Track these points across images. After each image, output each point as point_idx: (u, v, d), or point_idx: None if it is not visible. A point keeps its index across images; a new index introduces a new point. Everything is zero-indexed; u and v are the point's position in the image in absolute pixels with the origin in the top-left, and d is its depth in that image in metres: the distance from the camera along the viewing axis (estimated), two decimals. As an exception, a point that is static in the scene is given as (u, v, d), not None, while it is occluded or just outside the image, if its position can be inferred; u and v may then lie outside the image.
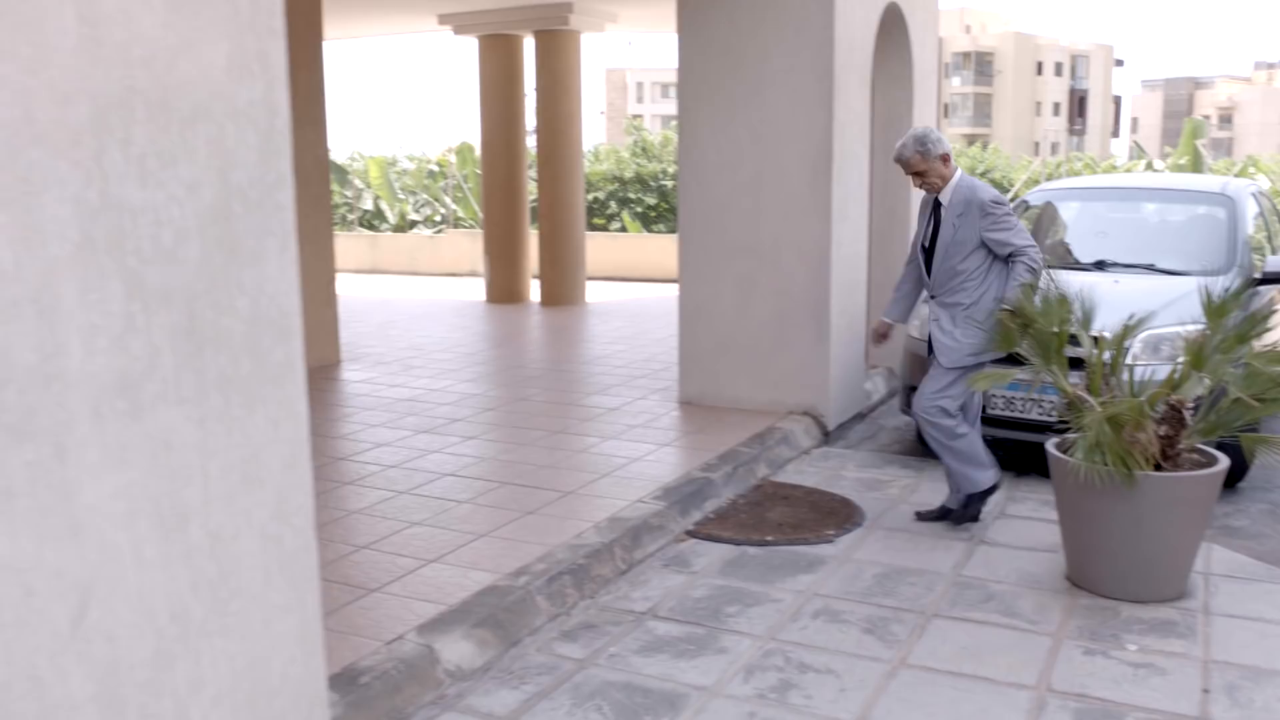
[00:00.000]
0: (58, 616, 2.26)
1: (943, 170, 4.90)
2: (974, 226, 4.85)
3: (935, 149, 4.86)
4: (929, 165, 4.88)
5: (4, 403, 2.12)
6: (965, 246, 4.89)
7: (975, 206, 4.84)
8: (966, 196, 4.87)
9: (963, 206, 4.87)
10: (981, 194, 4.87)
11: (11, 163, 2.10)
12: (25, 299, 2.15)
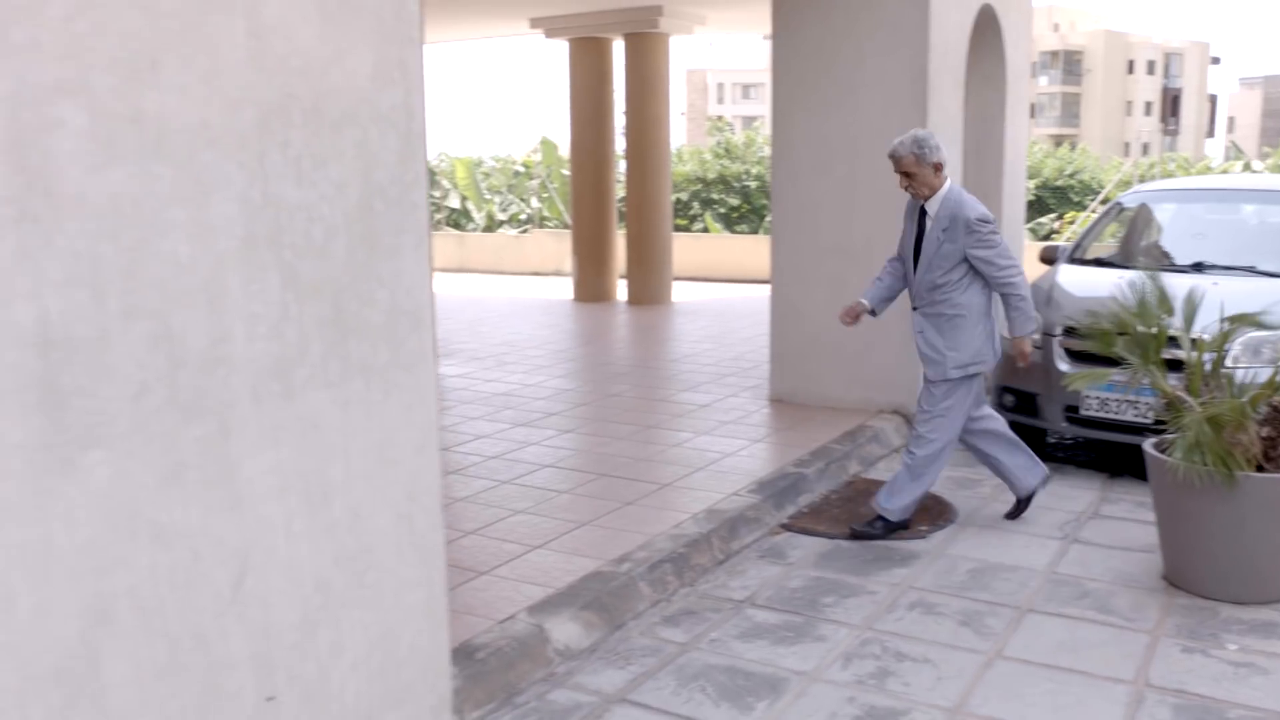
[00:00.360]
0: (220, 581, 2.46)
1: (932, 179, 4.80)
2: (958, 243, 4.77)
3: (930, 155, 4.76)
4: (920, 170, 4.77)
5: (178, 383, 2.33)
6: (948, 260, 4.81)
7: (961, 223, 4.75)
8: (953, 212, 4.77)
9: (948, 221, 4.78)
10: (968, 211, 4.76)
11: (189, 164, 2.31)
12: (198, 289, 2.35)
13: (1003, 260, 4.80)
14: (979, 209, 4.81)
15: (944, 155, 4.83)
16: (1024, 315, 4.93)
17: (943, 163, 4.80)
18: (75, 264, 2.12)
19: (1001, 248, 4.84)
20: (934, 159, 4.76)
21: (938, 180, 4.81)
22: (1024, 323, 4.94)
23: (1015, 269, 4.84)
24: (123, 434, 2.23)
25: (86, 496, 2.18)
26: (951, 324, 4.88)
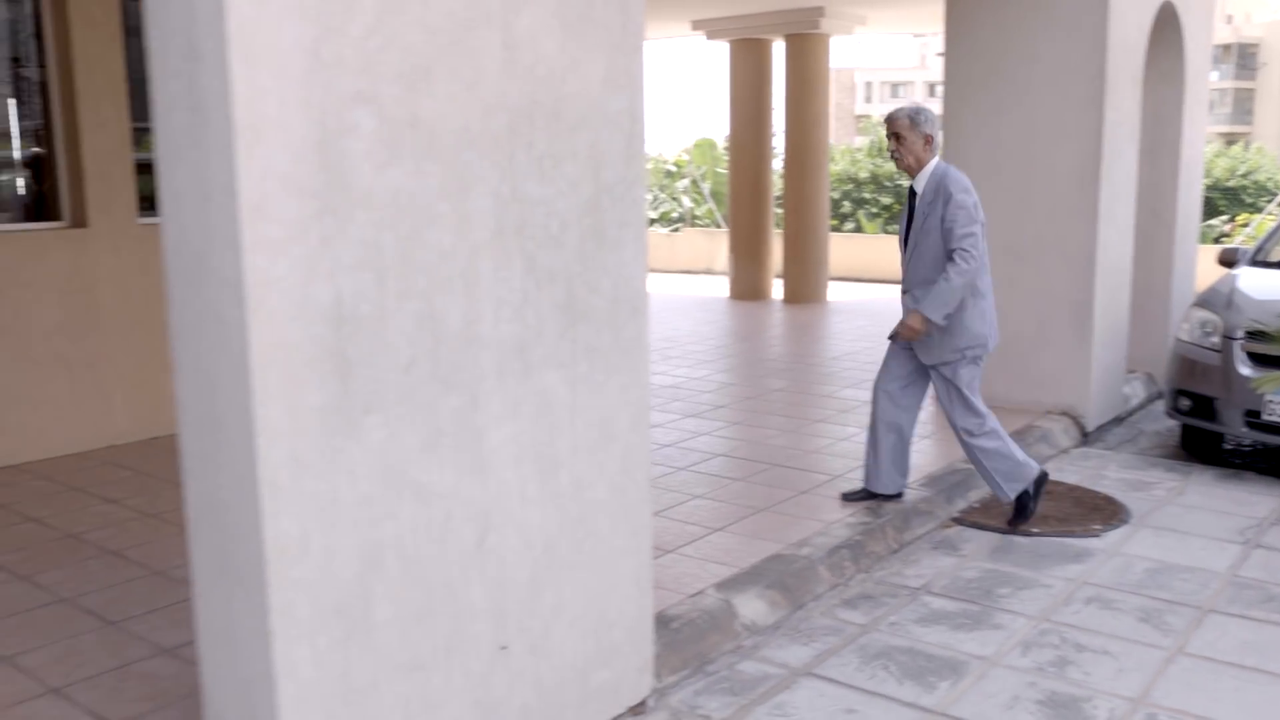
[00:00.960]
0: (467, 538, 2.74)
1: (919, 150, 4.73)
2: (939, 215, 4.68)
3: (924, 125, 4.72)
4: (910, 136, 4.71)
5: (439, 358, 2.61)
6: (931, 235, 4.71)
7: (943, 193, 4.66)
8: (938, 184, 4.70)
9: (933, 194, 4.70)
10: (950, 182, 4.67)
11: (454, 163, 2.59)
12: (457, 275, 2.63)
13: (964, 232, 4.58)
14: (964, 182, 4.70)
15: (938, 133, 4.79)
16: (939, 295, 4.62)
17: (933, 138, 4.75)
18: (363, 251, 2.42)
19: (968, 223, 4.60)
20: (926, 129, 4.72)
21: (924, 153, 4.74)
22: (934, 303, 4.64)
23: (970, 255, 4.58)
24: (394, 401, 2.52)
25: (365, 455, 2.48)
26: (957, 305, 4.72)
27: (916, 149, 4.74)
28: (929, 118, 4.75)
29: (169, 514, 5.10)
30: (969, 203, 4.63)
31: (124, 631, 3.80)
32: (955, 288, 4.61)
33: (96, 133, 6.18)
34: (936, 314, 4.65)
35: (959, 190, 4.64)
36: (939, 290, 4.63)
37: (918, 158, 4.75)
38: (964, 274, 4.60)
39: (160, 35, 2.31)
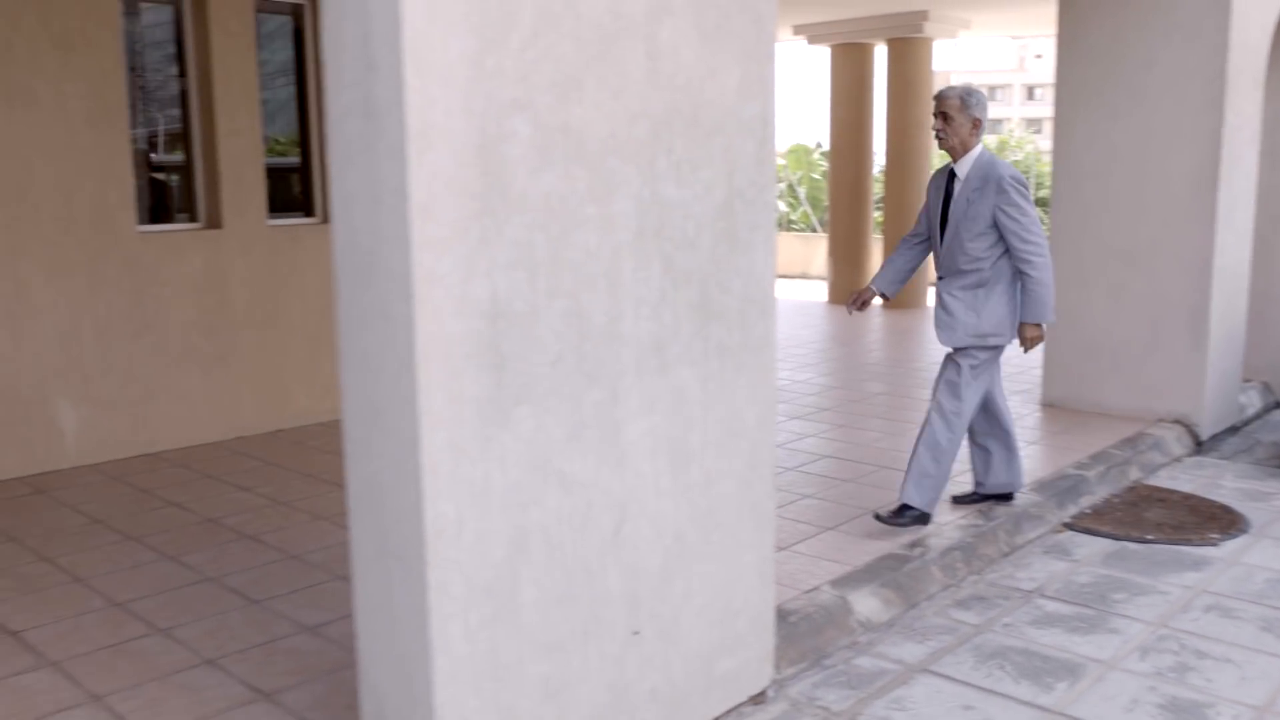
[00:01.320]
0: (605, 526, 2.87)
1: (966, 134, 4.63)
2: (989, 203, 4.57)
3: (974, 108, 4.62)
4: (959, 117, 4.61)
5: (583, 354, 2.74)
6: (977, 224, 4.61)
7: (993, 182, 4.57)
8: (985, 172, 4.61)
9: (980, 181, 4.61)
10: (1002, 169, 4.61)
11: (600, 168, 2.72)
12: (601, 274, 2.76)
13: (1029, 235, 4.59)
14: (1012, 170, 4.64)
15: (986, 116, 4.68)
16: (1038, 300, 4.67)
17: (981, 122, 4.65)
18: (517, 250, 2.56)
19: (1031, 219, 4.60)
20: (976, 113, 4.63)
21: (972, 138, 4.65)
22: (1037, 309, 4.69)
23: (1039, 248, 4.62)
24: (543, 394, 2.66)
25: (515, 444, 2.62)
26: (973, 294, 4.70)
27: (963, 132, 4.63)
28: (980, 101, 4.65)
29: (299, 502, 5.34)
30: (1021, 196, 4.57)
31: (267, 610, 4.01)
32: (1046, 281, 4.64)
33: (232, 139, 6.48)
34: (1049, 314, 4.70)
35: (1012, 179, 4.57)
36: (1035, 292, 4.65)
37: (963, 141, 4.65)
38: (1043, 268, 4.62)
39: (336, 49, 2.48)
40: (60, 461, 6.01)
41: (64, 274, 5.91)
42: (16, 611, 4.03)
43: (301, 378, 6.96)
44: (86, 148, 5.93)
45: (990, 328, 4.71)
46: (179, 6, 6.47)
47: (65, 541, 4.81)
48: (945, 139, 4.66)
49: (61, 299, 5.92)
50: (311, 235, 6.93)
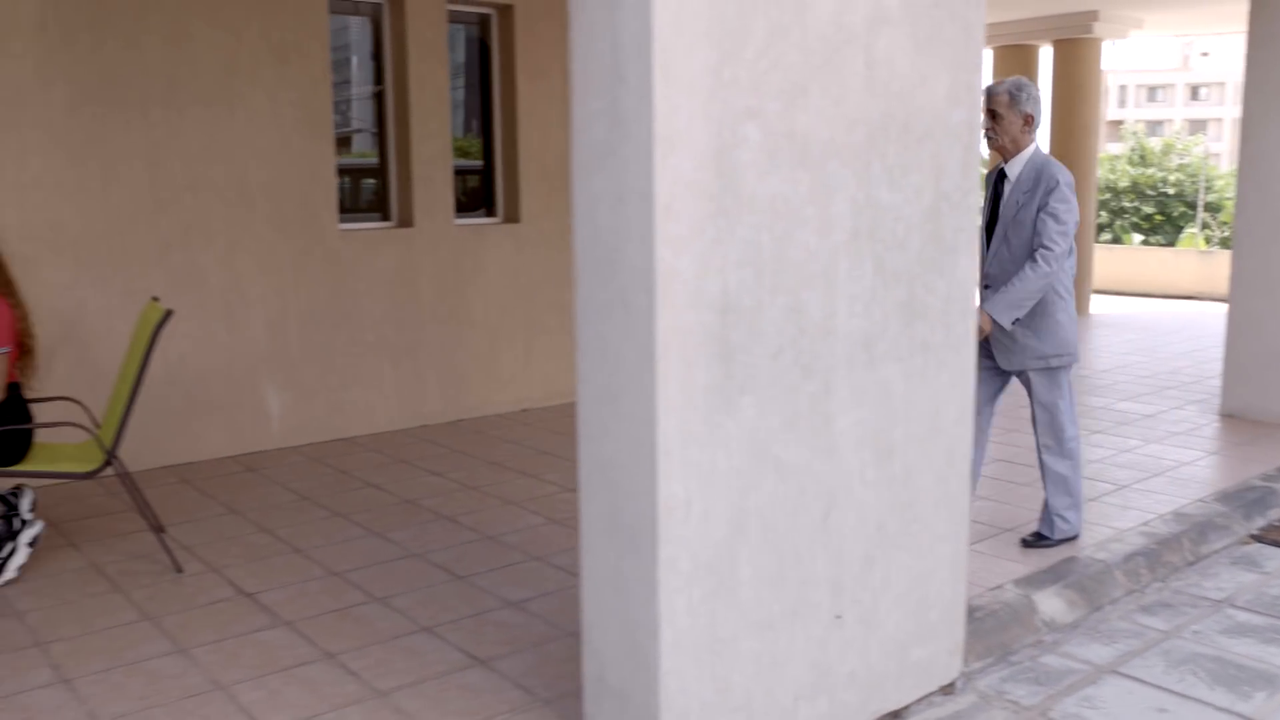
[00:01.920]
0: (814, 512, 3.01)
1: (1017, 131, 4.33)
2: (1037, 205, 4.27)
3: (1024, 104, 4.30)
4: (1009, 114, 4.31)
5: (801, 348, 2.89)
6: (1026, 229, 4.30)
7: (1044, 182, 4.27)
8: (1038, 173, 4.30)
9: (1031, 183, 4.30)
10: (1056, 171, 4.29)
11: (820, 172, 2.86)
12: (819, 273, 2.90)
13: (1056, 238, 4.21)
14: (1068, 174, 4.32)
15: (1040, 111, 4.36)
16: (1011, 294, 4.25)
17: (1034, 118, 4.34)
18: (745, 250, 2.72)
19: (1067, 227, 4.24)
20: (1026, 108, 4.31)
21: (1024, 135, 4.35)
22: (1004, 302, 4.26)
23: (1054, 256, 4.21)
24: (763, 385, 2.82)
25: (738, 431, 2.78)
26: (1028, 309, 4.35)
27: (1014, 130, 4.34)
28: (1031, 95, 4.32)
29: (488, 488, 5.63)
30: (1073, 200, 4.28)
31: (472, 585, 4.28)
32: (1032, 290, 4.23)
33: (424, 143, 6.84)
34: (1006, 317, 4.28)
35: (1066, 183, 4.26)
36: (1013, 289, 4.25)
37: (1014, 139, 4.35)
38: (1043, 276, 4.23)
39: (583, 61, 2.69)
40: (265, 443, 6.46)
41: (274, 269, 6.36)
42: (249, 576, 4.39)
43: (481, 371, 7.29)
44: (296, 151, 6.36)
45: (1053, 348, 4.41)
46: (378, 18, 6.87)
47: (280, 515, 5.20)
48: (995, 138, 4.38)
49: (271, 292, 6.36)
50: (495, 234, 7.26)
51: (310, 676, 3.48)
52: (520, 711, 3.23)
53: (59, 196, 5.65)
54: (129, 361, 4.52)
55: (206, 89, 6.03)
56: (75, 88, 5.64)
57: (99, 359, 5.83)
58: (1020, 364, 4.46)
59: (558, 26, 7.36)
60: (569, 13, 2.75)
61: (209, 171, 6.09)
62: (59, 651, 3.70)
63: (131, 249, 5.89)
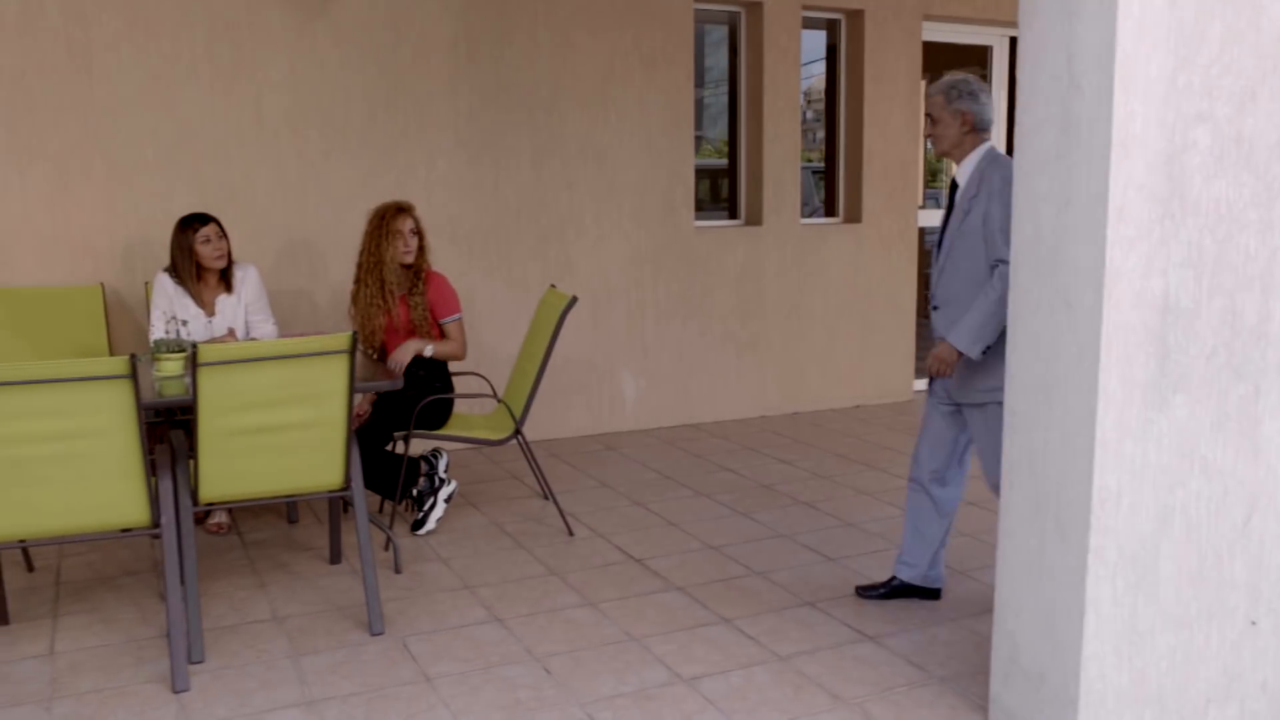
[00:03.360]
0: (1236, 514, 3.01)
1: (955, 133, 3.72)
2: (980, 212, 3.65)
3: (959, 101, 3.70)
4: (944, 116, 3.73)
5: (1233, 350, 2.90)
6: (969, 239, 3.69)
7: (985, 183, 3.64)
8: (982, 174, 3.67)
9: (976, 187, 3.68)
10: (999, 169, 3.64)
11: (1264, 175, 2.86)
12: (1256, 276, 2.90)
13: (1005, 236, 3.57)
14: (1010, 173, 3.63)
15: (985, 111, 3.74)
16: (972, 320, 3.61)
17: (973, 116, 3.72)
18: (1187, 251, 2.78)
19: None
20: (962, 106, 3.72)
21: (966, 138, 3.74)
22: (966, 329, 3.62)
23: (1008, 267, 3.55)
24: (1195, 385, 2.86)
25: (1169, 428, 2.84)
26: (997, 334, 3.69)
27: (953, 133, 3.75)
28: (969, 91, 3.75)
29: (838, 477, 5.83)
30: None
31: (843, 567, 4.49)
32: (995, 312, 3.58)
33: (774, 145, 7.13)
34: (973, 346, 3.62)
35: (1003, 182, 3.62)
36: (973, 315, 3.62)
37: (955, 143, 3.76)
38: (1002, 296, 3.57)
39: (1032, 69, 2.83)
40: (620, 425, 6.94)
41: (636, 262, 6.82)
42: (633, 543, 4.80)
43: (819, 366, 7.51)
44: (660, 152, 6.79)
45: (999, 380, 3.71)
46: (736, 26, 7.21)
47: (648, 491, 5.61)
48: (936, 142, 3.82)
49: (631, 283, 6.83)
50: (836, 234, 7.46)
51: (712, 637, 3.79)
52: (918, 686, 3.41)
53: (458, 193, 6.32)
54: (534, 342, 5.02)
55: (585, 94, 6.55)
56: (477, 96, 6.28)
57: (486, 340, 6.47)
58: (961, 395, 3.82)
59: (905, 31, 7.46)
60: (1019, 23, 2.89)
61: (583, 170, 6.61)
62: (486, 595, 4.20)
63: (515, 241, 6.50)
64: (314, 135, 5.96)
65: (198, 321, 4.88)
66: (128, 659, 3.65)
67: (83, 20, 5.44)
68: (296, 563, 4.58)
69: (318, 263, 6.06)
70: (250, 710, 3.27)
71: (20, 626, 3.95)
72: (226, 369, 3.50)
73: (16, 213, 5.44)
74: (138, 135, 5.60)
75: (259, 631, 3.86)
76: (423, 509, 4.93)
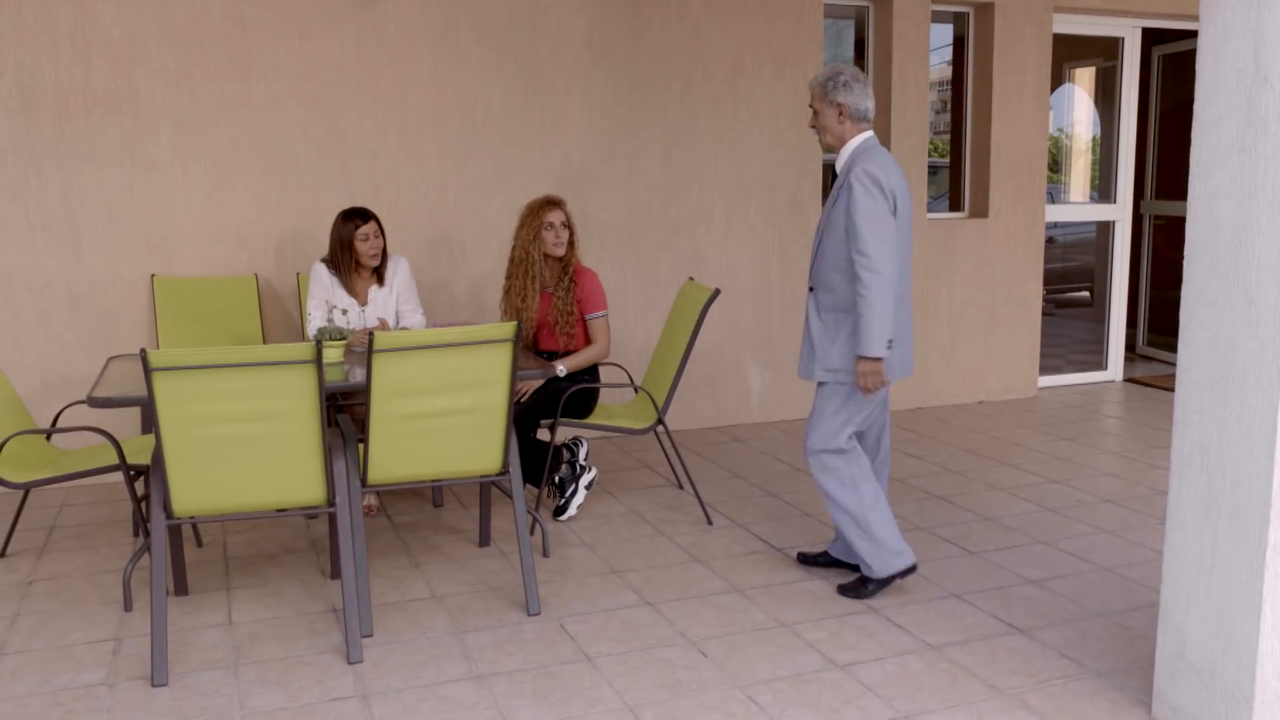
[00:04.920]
0: None
1: (833, 123, 3.89)
2: (844, 204, 3.82)
3: (835, 93, 3.85)
4: (822, 106, 3.90)
5: None
6: (835, 227, 3.87)
7: (846, 175, 3.82)
8: (850, 165, 3.84)
9: (844, 176, 3.85)
10: (860, 162, 3.79)
11: None
12: None
13: (864, 244, 3.72)
14: (874, 165, 3.77)
15: (861, 101, 3.87)
16: (862, 326, 3.76)
17: (848, 107, 3.86)
18: (1374, 245, 2.74)
19: (873, 227, 3.72)
20: (839, 98, 3.86)
21: (841, 128, 3.89)
22: (860, 337, 3.77)
23: (871, 263, 3.71)
24: (1379, 381, 2.82)
25: (1351, 425, 2.81)
26: (834, 316, 3.94)
27: (830, 123, 3.90)
28: (844, 83, 3.86)
29: (969, 472, 5.82)
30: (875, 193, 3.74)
31: (985, 560, 4.50)
32: (875, 309, 3.72)
33: (903, 139, 7.12)
34: (876, 346, 3.75)
35: (859, 179, 3.75)
36: (865, 322, 3.75)
37: (833, 133, 3.91)
38: (874, 288, 3.72)
39: (1215, 61, 2.82)
40: (744, 417, 7.01)
41: (763, 255, 6.88)
42: (770, 532, 4.87)
43: (942, 361, 7.48)
44: (788, 147, 6.84)
45: (840, 361, 3.93)
46: (864, 20, 7.21)
47: (780, 482, 5.67)
48: (818, 133, 3.98)
49: (758, 277, 6.89)
50: (963, 229, 7.41)
51: (862, 625, 3.85)
52: (1074, 679, 3.42)
53: (591, 187, 6.45)
54: (674, 333, 5.12)
55: (716, 90, 6.63)
56: (610, 92, 6.40)
57: (615, 330, 6.59)
58: (809, 372, 4.05)
59: (1036, 23, 7.38)
60: (1200, 15, 2.88)
61: (713, 165, 6.69)
62: (634, 579, 4.31)
63: (646, 235, 6.61)
64: (454, 131, 6.14)
65: (351, 311, 5.08)
66: (300, 631, 3.84)
67: (242, 23, 5.69)
68: (446, 545, 4.75)
69: (457, 255, 6.24)
70: (423, 682, 3.43)
71: (198, 597, 4.18)
72: (400, 355, 3.66)
73: (179, 207, 5.72)
74: (290, 133, 5.84)
75: (420, 609, 4.03)
76: (564, 495, 5.06)
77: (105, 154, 5.58)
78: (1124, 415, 7.25)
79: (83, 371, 5.70)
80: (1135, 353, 9.54)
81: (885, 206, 3.75)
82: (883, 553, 4.02)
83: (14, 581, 4.36)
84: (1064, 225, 10.64)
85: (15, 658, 3.64)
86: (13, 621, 3.95)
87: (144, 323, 5.74)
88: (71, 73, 5.47)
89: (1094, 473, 5.82)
